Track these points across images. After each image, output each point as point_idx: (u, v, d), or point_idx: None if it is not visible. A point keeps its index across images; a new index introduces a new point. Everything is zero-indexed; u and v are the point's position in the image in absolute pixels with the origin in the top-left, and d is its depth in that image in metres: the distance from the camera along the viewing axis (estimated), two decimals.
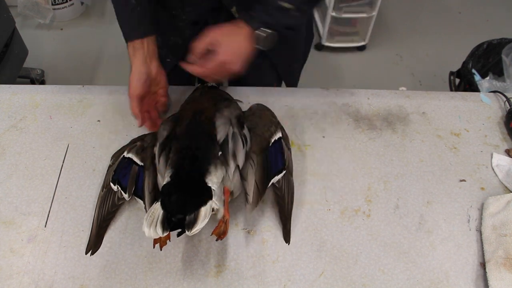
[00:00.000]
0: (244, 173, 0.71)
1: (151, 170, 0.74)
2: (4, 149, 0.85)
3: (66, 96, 0.95)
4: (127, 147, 0.80)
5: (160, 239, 0.66)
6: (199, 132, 0.74)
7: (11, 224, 0.74)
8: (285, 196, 0.76)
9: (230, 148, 0.71)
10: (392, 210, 0.79)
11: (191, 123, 0.76)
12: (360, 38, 2.31)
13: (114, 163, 0.79)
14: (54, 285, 0.68)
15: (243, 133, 0.75)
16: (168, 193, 0.64)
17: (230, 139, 0.72)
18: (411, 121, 0.95)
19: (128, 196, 0.74)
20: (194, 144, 0.71)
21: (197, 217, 0.60)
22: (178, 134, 0.74)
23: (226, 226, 0.67)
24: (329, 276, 0.71)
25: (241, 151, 0.72)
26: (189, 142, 0.72)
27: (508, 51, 1.62)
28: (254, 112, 0.82)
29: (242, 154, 0.72)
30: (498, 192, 0.82)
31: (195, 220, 0.60)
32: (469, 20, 2.55)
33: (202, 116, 0.76)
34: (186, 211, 0.60)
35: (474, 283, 0.71)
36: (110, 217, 0.75)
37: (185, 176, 0.66)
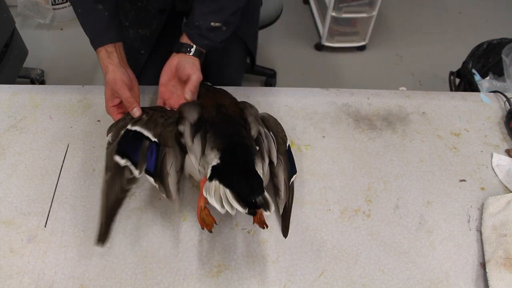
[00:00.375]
0: (275, 170, 0.75)
1: (176, 149, 0.71)
2: (4, 149, 0.85)
3: (66, 96, 0.95)
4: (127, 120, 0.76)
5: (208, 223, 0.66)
6: (236, 123, 0.75)
7: (11, 224, 0.74)
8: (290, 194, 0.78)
9: (265, 145, 0.74)
10: (392, 210, 0.79)
11: (221, 113, 0.76)
12: (360, 38, 2.31)
13: (114, 140, 0.73)
14: (54, 285, 0.68)
15: (270, 134, 0.78)
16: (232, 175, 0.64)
17: (264, 137, 0.75)
18: (411, 121, 0.95)
19: (139, 173, 0.69)
20: (238, 133, 0.72)
21: (266, 199, 0.61)
22: (212, 120, 0.74)
23: (262, 215, 0.69)
24: (329, 276, 0.71)
25: (274, 149, 0.75)
26: (232, 130, 0.73)
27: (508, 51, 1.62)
28: (268, 119, 0.83)
29: (275, 152, 0.75)
30: (498, 192, 0.82)
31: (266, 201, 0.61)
32: (469, 20, 2.55)
33: (228, 110, 0.78)
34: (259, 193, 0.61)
35: (474, 283, 0.71)
36: (119, 204, 0.69)
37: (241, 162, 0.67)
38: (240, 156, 0.68)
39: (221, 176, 0.63)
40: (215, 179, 0.63)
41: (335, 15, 2.15)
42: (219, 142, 0.69)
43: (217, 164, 0.66)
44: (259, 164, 0.69)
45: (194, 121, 0.73)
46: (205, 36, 0.83)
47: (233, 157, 0.67)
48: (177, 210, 0.73)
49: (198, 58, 0.84)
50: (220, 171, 0.65)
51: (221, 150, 0.68)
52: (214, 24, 0.82)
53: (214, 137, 0.70)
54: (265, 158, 0.72)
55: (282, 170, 0.75)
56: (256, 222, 0.69)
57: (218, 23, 0.83)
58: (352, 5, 2.13)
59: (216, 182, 0.62)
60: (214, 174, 0.64)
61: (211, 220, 0.67)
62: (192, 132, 0.71)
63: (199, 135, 0.71)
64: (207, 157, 0.68)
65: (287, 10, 1.86)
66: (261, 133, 0.75)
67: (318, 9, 2.43)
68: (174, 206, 0.69)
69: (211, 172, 0.65)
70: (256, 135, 0.74)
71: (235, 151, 0.68)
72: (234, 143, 0.70)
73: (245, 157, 0.68)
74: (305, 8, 2.57)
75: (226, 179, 0.62)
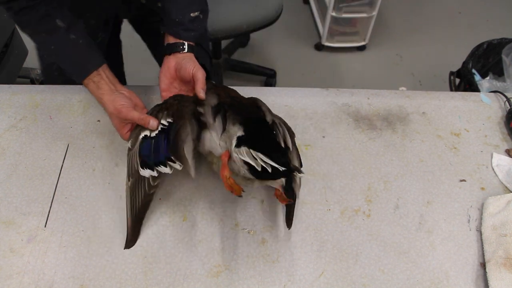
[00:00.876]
0: (290, 157, 0.74)
1: (193, 122, 0.71)
2: (4, 149, 0.85)
3: (66, 96, 0.95)
4: None
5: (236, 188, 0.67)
6: (252, 110, 0.76)
7: (11, 224, 0.74)
8: None
9: (281, 131, 0.74)
10: (392, 210, 0.79)
11: (235, 101, 0.77)
12: (360, 38, 2.31)
13: (134, 145, 0.74)
14: (54, 285, 0.68)
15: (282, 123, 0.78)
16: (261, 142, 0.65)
17: (279, 125, 0.75)
18: (411, 121, 0.95)
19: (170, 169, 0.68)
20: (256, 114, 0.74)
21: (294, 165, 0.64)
22: (231, 103, 0.75)
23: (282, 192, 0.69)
24: (329, 276, 0.71)
25: (288, 136, 0.75)
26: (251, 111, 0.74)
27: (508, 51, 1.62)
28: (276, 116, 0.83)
29: (289, 139, 0.75)
30: (498, 192, 0.82)
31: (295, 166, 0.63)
32: (469, 20, 2.55)
33: (242, 100, 0.79)
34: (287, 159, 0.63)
35: (474, 283, 0.71)
36: (145, 209, 0.72)
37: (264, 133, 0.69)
38: (263, 131, 0.70)
39: (249, 143, 0.64)
40: (243, 145, 0.63)
41: (335, 15, 2.15)
42: (239, 119, 0.70)
43: (241, 136, 0.66)
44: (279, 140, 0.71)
45: (214, 104, 0.74)
46: (190, 28, 0.83)
47: (256, 130, 0.69)
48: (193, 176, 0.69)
49: (193, 53, 0.84)
50: (246, 140, 0.65)
51: (243, 123, 0.69)
52: (193, 14, 0.83)
53: (234, 115, 0.71)
54: (281, 142, 0.72)
55: (295, 157, 0.75)
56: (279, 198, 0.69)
57: (197, 12, 0.84)
58: (352, 5, 2.13)
59: (245, 148, 0.63)
60: (240, 143, 0.64)
61: (238, 188, 0.67)
62: (213, 113, 0.72)
63: (220, 116, 0.72)
64: (229, 131, 0.69)
65: (287, 10, 1.86)
66: (275, 122, 0.76)
67: (318, 9, 2.43)
68: (191, 172, 0.67)
69: (237, 142, 0.65)
70: (271, 122, 0.75)
71: (257, 126, 0.70)
72: (255, 120, 0.71)
73: (268, 132, 0.70)
74: (305, 8, 2.57)
75: (256, 145, 0.63)
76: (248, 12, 1.62)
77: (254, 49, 2.33)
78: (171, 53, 0.83)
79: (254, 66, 2.11)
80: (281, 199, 0.69)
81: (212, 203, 0.78)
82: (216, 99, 0.77)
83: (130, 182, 0.72)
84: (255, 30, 1.65)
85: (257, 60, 2.19)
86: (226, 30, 1.60)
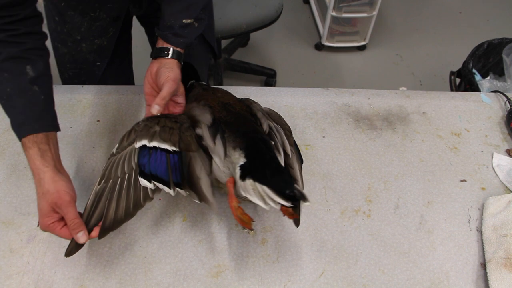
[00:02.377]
0: (291, 162, 0.74)
1: (202, 153, 0.69)
2: (4, 149, 0.85)
3: (65, 96, 0.95)
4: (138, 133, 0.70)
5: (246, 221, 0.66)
6: (247, 121, 0.75)
7: (10, 224, 0.74)
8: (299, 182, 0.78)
9: (279, 138, 0.74)
10: (392, 210, 0.79)
11: (230, 112, 0.76)
12: (360, 38, 2.31)
13: (120, 152, 0.70)
14: (54, 285, 0.68)
15: (279, 127, 0.77)
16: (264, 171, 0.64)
17: (276, 131, 0.75)
18: (412, 121, 0.94)
19: (174, 192, 0.65)
20: (255, 129, 0.73)
21: (300, 190, 0.62)
22: (225, 119, 0.74)
23: None
24: (329, 276, 0.71)
25: (287, 141, 0.75)
26: (248, 127, 0.73)
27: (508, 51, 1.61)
28: (271, 113, 0.83)
29: (288, 144, 0.74)
30: (499, 192, 0.82)
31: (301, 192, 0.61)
32: (470, 20, 2.55)
33: (236, 108, 0.78)
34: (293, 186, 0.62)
35: (474, 283, 0.71)
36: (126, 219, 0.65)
37: (266, 157, 0.67)
38: (264, 152, 0.68)
39: (253, 174, 0.63)
40: (248, 178, 0.63)
41: (335, 14, 2.15)
42: (239, 141, 0.69)
43: (244, 163, 0.66)
44: (279, 157, 0.70)
45: (210, 122, 0.72)
46: (180, 35, 0.82)
47: (257, 154, 0.68)
48: (217, 212, 0.71)
49: (178, 60, 0.82)
50: (250, 170, 0.64)
51: (244, 148, 0.68)
52: (186, 21, 0.81)
53: (232, 136, 0.70)
54: (280, 151, 0.72)
55: (296, 161, 0.75)
56: (285, 213, 0.67)
57: (190, 19, 0.82)
58: (352, 5, 2.13)
59: (250, 181, 0.62)
60: (245, 173, 0.64)
61: (248, 218, 0.66)
62: (211, 134, 0.70)
63: (219, 136, 0.70)
64: (230, 157, 0.68)
65: (287, 10, 1.86)
66: (271, 128, 0.75)
67: (318, 9, 2.43)
68: (213, 209, 0.66)
69: (241, 172, 0.64)
70: (268, 130, 0.75)
71: (258, 147, 0.69)
72: (254, 140, 0.70)
73: (269, 152, 0.69)
74: (305, 8, 2.57)
75: (260, 176, 0.62)
76: (248, 12, 1.62)
77: (254, 49, 2.33)
78: (156, 58, 0.82)
79: (254, 66, 2.11)
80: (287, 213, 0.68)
81: None
82: (209, 114, 0.74)
83: (99, 187, 0.67)
84: (255, 30, 1.65)
85: (257, 60, 2.19)
86: (226, 30, 1.60)
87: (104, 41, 0.97)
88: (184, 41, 0.82)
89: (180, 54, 0.82)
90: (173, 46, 0.81)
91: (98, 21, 0.92)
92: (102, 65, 1.01)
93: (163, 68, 0.79)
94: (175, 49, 0.81)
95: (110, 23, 0.94)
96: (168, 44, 0.82)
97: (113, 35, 0.97)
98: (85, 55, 0.97)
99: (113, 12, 0.92)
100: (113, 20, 0.94)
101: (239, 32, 1.62)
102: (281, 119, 0.81)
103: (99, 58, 1.00)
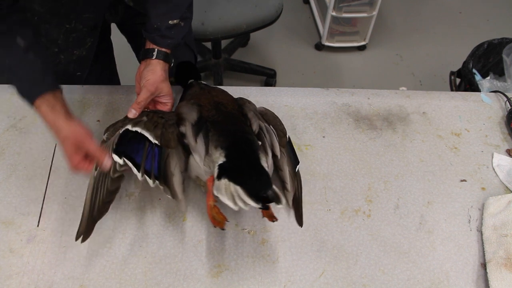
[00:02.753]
0: (280, 164, 0.74)
1: (179, 149, 0.71)
2: (4, 149, 0.85)
3: (66, 96, 0.94)
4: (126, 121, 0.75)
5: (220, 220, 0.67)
6: (237, 120, 0.75)
7: (10, 224, 0.74)
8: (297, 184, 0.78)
9: (268, 139, 0.74)
10: (392, 210, 0.79)
11: (221, 111, 0.76)
12: (360, 38, 2.31)
13: (109, 138, 0.73)
14: (54, 285, 0.68)
15: (270, 127, 0.77)
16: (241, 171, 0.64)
17: (266, 132, 0.75)
18: (412, 121, 0.94)
19: (141, 176, 0.68)
20: (241, 129, 0.73)
21: (276, 192, 0.61)
22: (213, 119, 0.74)
23: (270, 208, 0.69)
24: (329, 276, 0.71)
25: (276, 142, 0.75)
26: (234, 126, 0.73)
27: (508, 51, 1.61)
28: (266, 113, 0.83)
29: (277, 145, 0.75)
30: (499, 192, 0.82)
31: (276, 194, 0.61)
32: (470, 20, 2.55)
33: (227, 107, 0.78)
34: (268, 187, 0.62)
35: (474, 283, 0.70)
36: (110, 199, 0.68)
37: (247, 158, 0.68)
38: (246, 152, 0.68)
39: (229, 174, 0.63)
40: (224, 177, 0.63)
41: (335, 14, 2.15)
42: (222, 140, 0.69)
43: (223, 163, 0.66)
44: (263, 158, 0.70)
45: (194, 121, 0.73)
46: (167, 36, 0.82)
47: (238, 154, 0.68)
48: (184, 210, 0.73)
49: (164, 60, 0.82)
50: (228, 169, 0.65)
51: (225, 148, 0.68)
52: (172, 22, 0.81)
53: (216, 135, 0.70)
54: (268, 152, 0.72)
55: (286, 163, 0.75)
56: (265, 216, 0.70)
57: (176, 20, 0.81)
58: (352, 5, 2.13)
59: (225, 181, 0.62)
60: (222, 173, 0.64)
61: (222, 218, 0.68)
62: (194, 132, 0.71)
63: (201, 135, 0.71)
64: (212, 156, 0.68)
65: (287, 10, 1.86)
66: (262, 128, 0.75)
67: (318, 9, 2.43)
68: (181, 206, 0.69)
69: (219, 171, 0.65)
70: (258, 130, 0.75)
71: (240, 147, 0.69)
72: (238, 140, 0.70)
73: (250, 152, 0.69)
74: (305, 8, 2.57)
75: (236, 176, 0.63)
76: (248, 12, 1.62)
77: (254, 49, 2.33)
78: (144, 59, 0.83)
79: (254, 66, 2.11)
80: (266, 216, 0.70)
81: None
82: (196, 112, 0.75)
83: (97, 172, 0.70)
84: (255, 30, 1.65)
85: (257, 60, 2.19)
86: (226, 30, 1.59)
87: (83, 51, 0.95)
88: (172, 42, 0.83)
89: (166, 55, 0.83)
90: (161, 47, 0.82)
91: (74, 33, 0.90)
92: (83, 75, 0.99)
93: (145, 70, 0.81)
94: (160, 49, 0.82)
95: (87, 33, 0.92)
96: (155, 45, 0.82)
97: (92, 45, 0.96)
98: (64, 66, 0.96)
99: (90, 22, 0.91)
100: (90, 29, 0.92)
101: (239, 32, 1.62)
102: (276, 120, 0.81)
103: (79, 68, 0.98)
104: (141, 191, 0.79)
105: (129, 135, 0.72)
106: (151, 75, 0.80)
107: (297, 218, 0.74)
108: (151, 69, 0.80)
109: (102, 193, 0.69)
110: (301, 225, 0.73)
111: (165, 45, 0.82)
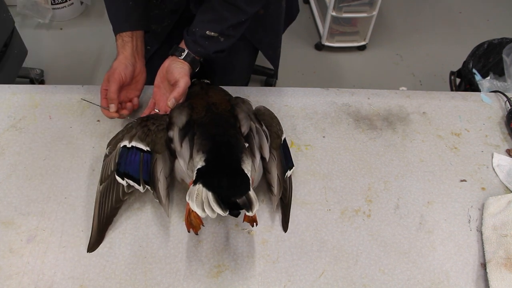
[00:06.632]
0: (268, 166, 0.74)
1: (166, 154, 0.73)
2: (4, 149, 0.85)
3: (65, 96, 0.95)
4: (125, 133, 0.77)
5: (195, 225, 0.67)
6: (224, 122, 0.75)
7: (10, 224, 0.74)
8: (287, 188, 0.78)
9: (256, 141, 0.74)
10: (392, 210, 0.79)
11: (211, 113, 0.76)
12: (360, 37, 2.31)
13: (111, 152, 0.76)
14: (54, 285, 0.68)
15: (263, 129, 0.77)
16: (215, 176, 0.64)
17: (255, 133, 0.75)
18: (412, 121, 0.94)
19: (143, 188, 0.72)
20: (224, 132, 0.73)
21: (250, 199, 0.61)
22: (201, 121, 0.74)
23: None
24: (329, 276, 0.71)
25: (266, 144, 0.75)
26: (218, 129, 0.73)
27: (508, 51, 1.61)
28: (264, 113, 0.82)
29: (267, 148, 0.75)
30: (499, 192, 0.82)
31: (250, 201, 0.60)
32: (470, 20, 2.55)
33: (219, 108, 0.78)
34: (242, 193, 0.61)
35: (474, 283, 0.70)
36: (113, 214, 0.74)
37: (226, 161, 0.67)
38: (225, 156, 0.68)
39: (204, 179, 0.63)
40: (199, 182, 0.62)
41: (335, 14, 2.15)
42: (204, 144, 0.69)
43: (201, 167, 0.66)
44: (248, 161, 0.69)
45: (182, 125, 0.74)
46: (199, 43, 0.83)
47: (217, 157, 0.67)
48: (167, 215, 0.74)
49: (190, 64, 0.83)
50: (203, 174, 0.64)
51: (206, 151, 0.68)
52: (209, 33, 0.82)
53: (200, 138, 0.71)
54: (255, 154, 0.72)
55: (275, 166, 0.75)
56: (246, 220, 0.70)
57: (215, 33, 0.82)
58: (352, 5, 2.13)
59: (199, 186, 0.62)
60: (198, 177, 0.64)
61: (198, 222, 0.68)
62: (180, 137, 0.72)
63: (187, 139, 0.71)
64: (194, 160, 0.68)
65: None
66: (252, 129, 0.75)
67: (318, 9, 2.43)
68: (164, 211, 0.71)
69: (196, 175, 0.65)
70: (247, 132, 0.74)
71: (219, 151, 0.68)
72: (218, 143, 0.70)
73: (230, 156, 0.68)
74: (305, 8, 2.57)
75: (209, 181, 0.62)
76: None
77: None
78: (171, 55, 0.85)
79: (254, 66, 2.11)
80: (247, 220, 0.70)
81: None
82: (186, 116, 0.75)
83: (102, 186, 0.74)
84: None
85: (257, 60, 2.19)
86: None
87: (158, 28, 1.02)
88: (201, 51, 0.84)
89: (194, 60, 0.84)
90: (190, 51, 0.84)
91: (157, 9, 0.99)
92: (151, 50, 1.05)
93: (174, 66, 0.82)
94: (190, 53, 0.83)
95: (167, 14, 0.99)
96: (186, 47, 0.84)
97: (168, 26, 1.02)
98: None
99: (172, 5, 0.98)
100: (171, 12, 0.99)
101: None
102: (272, 120, 0.81)
103: (150, 42, 1.03)
104: None
105: (127, 152, 0.74)
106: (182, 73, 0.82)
107: (283, 223, 0.75)
108: (181, 67, 0.83)
109: (107, 208, 0.73)
110: (286, 230, 0.74)
111: (194, 51, 0.84)
